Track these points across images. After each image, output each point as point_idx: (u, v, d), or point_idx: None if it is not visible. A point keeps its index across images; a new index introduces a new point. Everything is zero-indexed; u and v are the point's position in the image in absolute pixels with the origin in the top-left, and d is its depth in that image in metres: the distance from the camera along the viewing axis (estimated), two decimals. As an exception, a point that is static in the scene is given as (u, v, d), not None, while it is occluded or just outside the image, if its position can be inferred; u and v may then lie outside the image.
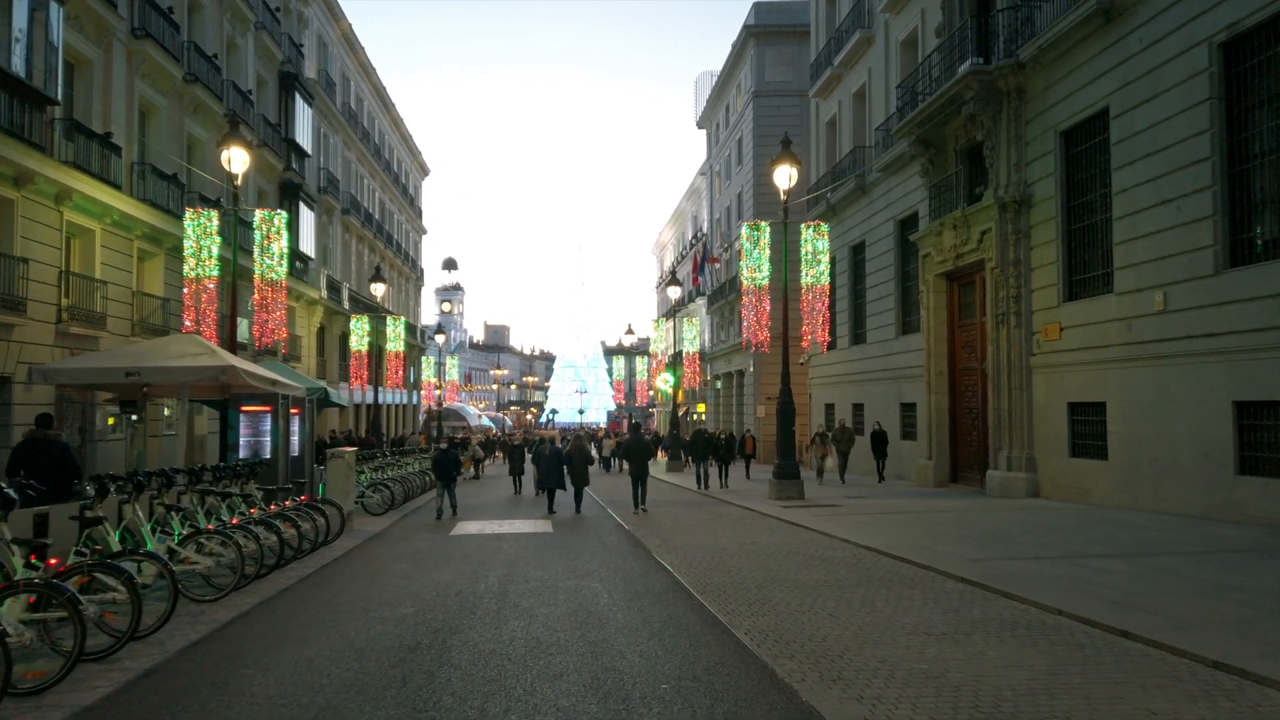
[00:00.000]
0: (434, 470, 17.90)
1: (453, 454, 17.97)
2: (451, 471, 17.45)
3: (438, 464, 17.61)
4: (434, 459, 18.18)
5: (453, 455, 17.88)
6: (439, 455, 17.85)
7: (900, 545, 11.53)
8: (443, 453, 17.86)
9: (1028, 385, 19.08)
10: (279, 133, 30.39)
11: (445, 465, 17.46)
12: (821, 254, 20.17)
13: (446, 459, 17.56)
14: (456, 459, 18.10)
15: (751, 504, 18.15)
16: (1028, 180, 19.21)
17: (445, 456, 17.63)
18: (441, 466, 17.47)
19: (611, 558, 11.37)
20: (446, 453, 17.84)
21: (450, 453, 17.93)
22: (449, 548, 12.54)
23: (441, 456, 17.70)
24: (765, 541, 12.56)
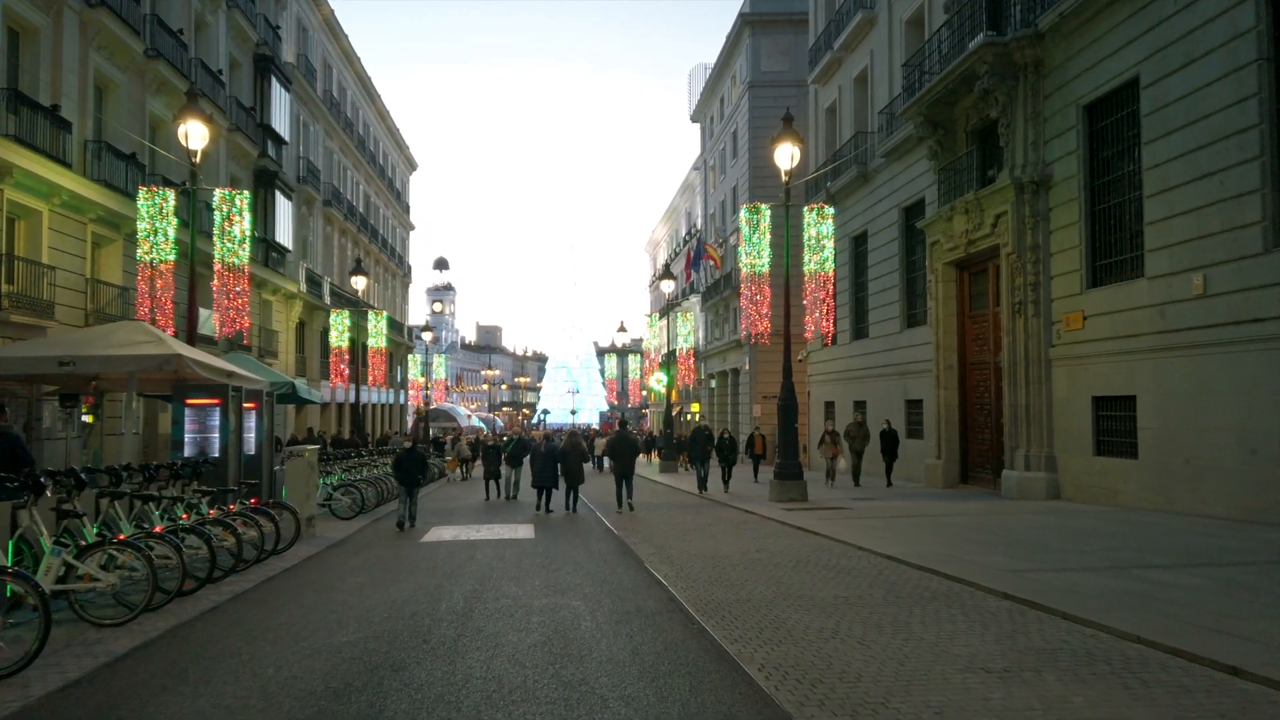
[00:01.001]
0: (395, 473, 15.59)
1: (418, 454, 15.62)
2: (415, 475, 15.14)
3: (399, 466, 15.30)
4: (395, 460, 15.84)
5: (418, 455, 15.55)
6: (401, 455, 15.46)
7: (923, 553, 10.22)
8: (406, 452, 15.44)
9: (1047, 379, 17.81)
10: (253, 117, 28.96)
11: (408, 467, 15.11)
12: (825, 239, 18.87)
13: (409, 460, 15.20)
14: (422, 460, 15.77)
15: (752, 507, 16.83)
16: (1046, 159, 17.93)
17: (408, 457, 15.27)
18: (404, 468, 15.14)
19: (598, 568, 10.03)
20: (411, 452, 15.44)
21: (415, 452, 15.50)
22: (415, 557, 11.18)
23: (404, 457, 15.32)
24: (771, 549, 11.22)
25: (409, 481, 15.04)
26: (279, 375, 18.50)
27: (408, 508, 14.94)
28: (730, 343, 45.90)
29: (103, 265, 20.16)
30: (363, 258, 45.18)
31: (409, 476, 15.05)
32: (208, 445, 12.10)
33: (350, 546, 12.47)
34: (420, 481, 15.44)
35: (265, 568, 10.22)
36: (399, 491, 15.41)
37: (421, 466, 15.46)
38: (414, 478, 15.14)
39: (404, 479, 15.10)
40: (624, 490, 17.55)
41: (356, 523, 15.48)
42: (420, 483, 15.46)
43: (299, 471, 12.97)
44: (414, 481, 15.13)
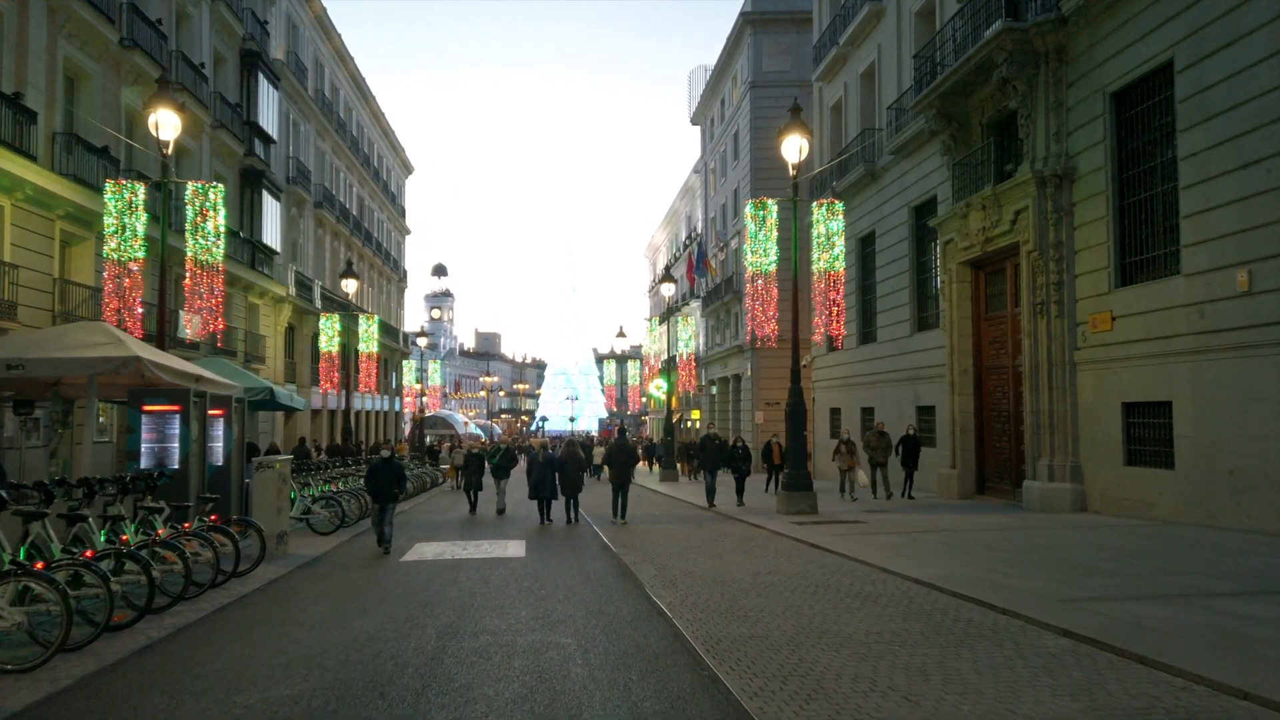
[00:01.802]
0: (367, 486, 13.53)
1: (395, 464, 13.48)
2: (390, 488, 13.07)
3: (373, 477, 13.25)
4: (368, 470, 13.61)
5: (395, 466, 13.37)
6: (375, 465, 13.37)
7: (955, 576, 9.16)
8: (382, 462, 13.34)
9: (1071, 384, 16.77)
10: (239, 114, 27.95)
11: (383, 479, 13.10)
12: (835, 236, 17.83)
13: (385, 471, 13.14)
14: (400, 472, 13.57)
15: (759, 520, 15.77)
16: (1070, 151, 16.93)
17: (383, 467, 13.19)
18: (377, 481, 13.14)
19: (593, 595, 8.96)
20: (387, 462, 13.32)
21: (392, 462, 13.39)
22: (390, 581, 10.10)
23: (379, 467, 13.24)
24: (785, 570, 10.16)
25: (383, 496, 13.06)
26: (258, 380, 17.46)
27: (381, 526, 12.97)
28: (731, 348, 44.87)
29: (73, 265, 19.11)
30: (356, 261, 44.15)
31: (383, 490, 13.07)
32: (167, 456, 11.03)
33: (322, 567, 11.40)
34: (397, 496, 13.35)
35: (222, 593, 9.16)
36: (372, 508, 13.53)
37: (398, 479, 13.38)
38: (389, 491, 13.10)
39: (377, 492, 13.13)
40: (620, 500, 17.12)
41: (335, 538, 14.39)
42: (397, 497, 13.37)
43: (268, 484, 11.91)
44: (389, 496, 13.09)
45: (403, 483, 13.84)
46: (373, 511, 13.49)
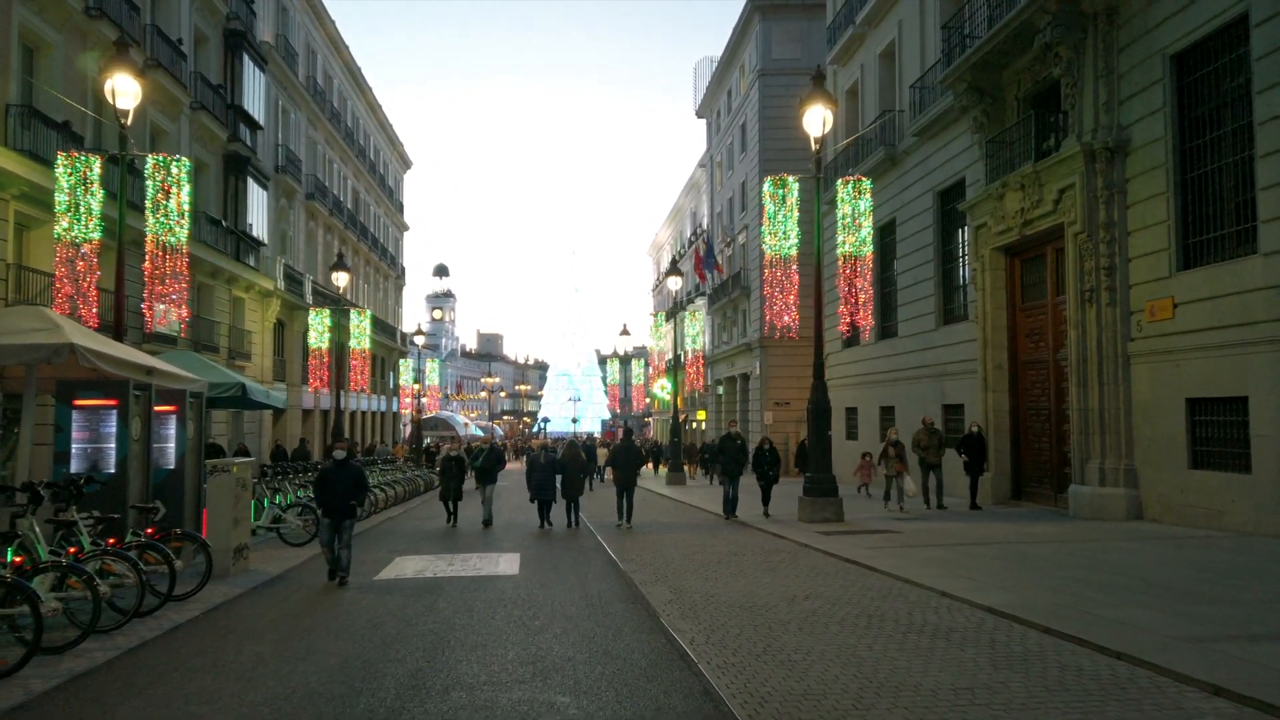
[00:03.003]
0: (316, 497, 10.63)
1: (354, 470, 10.42)
2: (344, 499, 10.18)
3: (321, 487, 10.37)
4: (317, 478, 10.64)
5: (353, 472, 10.37)
6: (326, 471, 10.44)
7: (1036, 604, 7.59)
8: (336, 466, 10.35)
9: (1125, 378, 15.19)
10: (222, 97, 26.44)
11: (333, 489, 10.21)
12: (863, 217, 16.24)
13: (338, 478, 10.23)
14: (358, 478, 10.42)
15: (780, 529, 14.20)
16: (1122, 122, 15.35)
17: (336, 474, 10.26)
18: (327, 491, 10.26)
19: (598, 627, 7.39)
20: (343, 466, 10.33)
21: (348, 468, 10.37)
22: (356, 608, 8.51)
23: (330, 474, 10.31)
24: (825, 594, 8.59)
25: (335, 510, 10.15)
26: (229, 375, 15.92)
27: (333, 549, 10.14)
28: (739, 346, 43.31)
29: (31, 249, 17.59)
30: (351, 257, 42.65)
31: (335, 503, 10.16)
32: (101, 458, 9.49)
33: (282, 587, 9.84)
34: (355, 510, 10.42)
35: (148, 623, 7.61)
36: (321, 525, 10.56)
37: (355, 487, 10.33)
38: (342, 505, 10.16)
39: (327, 506, 10.23)
40: (624, 504, 16.24)
41: (308, 550, 12.82)
42: (355, 511, 10.43)
43: (223, 491, 10.34)
44: (343, 510, 10.17)
45: (362, 492, 10.60)
46: (321, 530, 10.47)
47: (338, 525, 10.21)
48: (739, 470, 16.62)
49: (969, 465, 17.07)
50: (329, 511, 10.27)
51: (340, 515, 10.22)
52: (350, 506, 10.30)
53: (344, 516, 10.23)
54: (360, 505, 10.97)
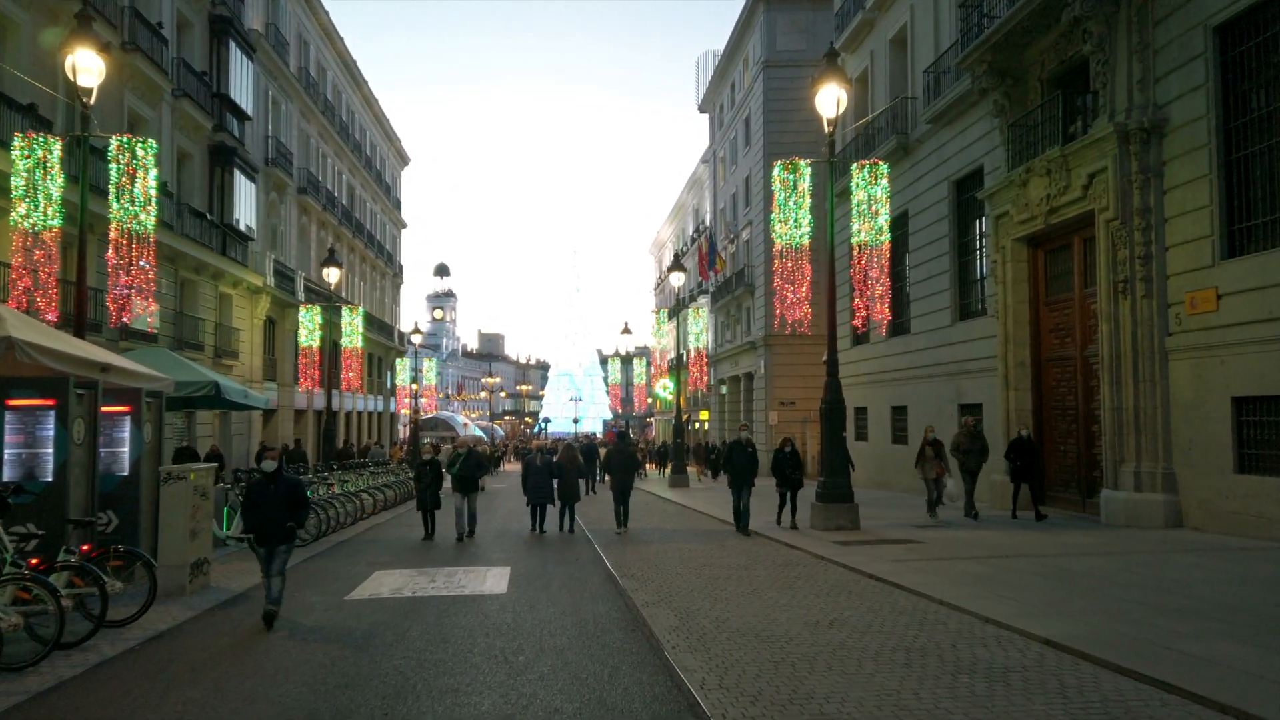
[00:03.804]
0: (244, 519, 8.90)
1: (288, 484, 8.30)
2: (277, 522, 8.10)
3: (250, 508, 8.32)
4: (244, 496, 8.66)
5: (287, 487, 8.24)
6: (253, 488, 8.43)
7: (1104, 636, 6.55)
8: (265, 481, 8.26)
9: (1162, 375, 14.14)
10: (207, 85, 25.42)
11: (264, 510, 8.13)
12: (879, 204, 15.20)
13: (268, 496, 8.15)
14: (294, 494, 8.27)
15: (793, 538, 13.16)
16: (1158, 101, 14.30)
17: (265, 491, 8.19)
18: (256, 512, 8.21)
19: (592, 663, 6.36)
20: (274, 480, 8.23)
21: (284, 481, 8.29)
22: (314, 638, 7.44)
23: (258, 490, 8.27)
24: (852, 620, 7.55)
25: (267, 535, 8.12)
26: (202, 373, 14.90)
27: (268, 581, 8.18)
28: (743, 344, 42.27)
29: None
30: (346, 254, 41.66)
31: (266, 527, 8.11)
32: (38, 464, 8.46)
33: (241, 609, 8.80)
34: (292, 534, 8.21)
35: (77, 657, 6.58)
36: (257, 553, 8.40)
37: (291, 506, 8.17)
38: (276, 528, 8.07)
39: (258, 530, 8.20)
40: (621, 509, 15.73)
41: (281, 563, 11.79)
42: (292, 535, 8.23)
43: (179, 501, 9.30)
44: (277, 534, 8.09)
45: (301, 511, 8.35)
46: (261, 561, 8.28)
47: (270, 553, 8.16)
48: (750, 480, 14.66)
49: (1019, 472, 15.34)
50: (261, 538, 8.16)
51: (274, 541, 8.13)
52: (286, 530, 8.11)
53: (279, 542, 8.14)
54: (300, 526, 8.45)
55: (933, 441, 15.63)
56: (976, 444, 15.40)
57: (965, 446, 15.44)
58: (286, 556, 8.30)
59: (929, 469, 15.36)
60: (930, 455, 15.39)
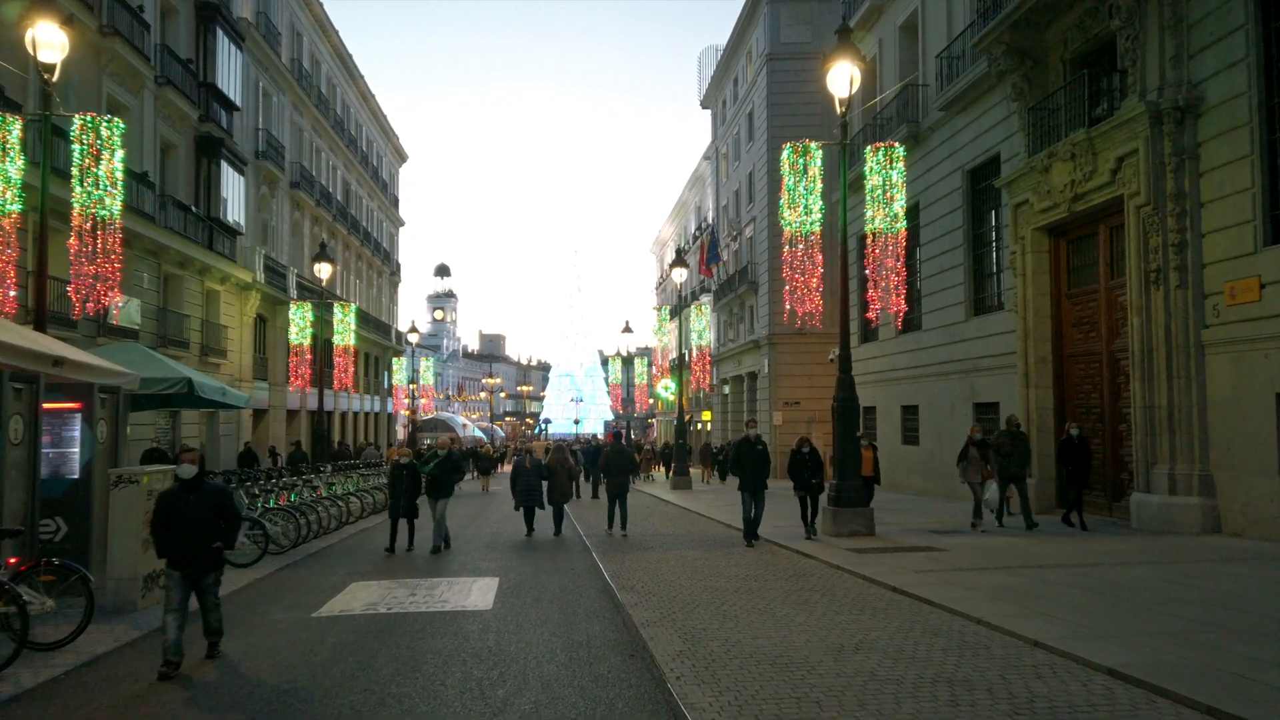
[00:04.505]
0: (157, 542, 6.80)
1: (213, 493, 6.87)
2: (201, 542, 6.63)
3: (161, 526, 6.69)
4: (155, 507, 6.84)
5: (212, 496, 6.82)
6: (165, 498, 6.84)
7: (1176, 665, 5.66)
8: (181, 490, 6.77)
9: (1198, 370, 13.24)
10: (193, 74, 24.55)
11: (182, 531, 6.61)
12: (895, 189, 14.31)
13: (187, 505, 6.67)
14: (223, 507, 6.82)
15: (805, 545, 12.24)
16: (1193, 78, 13.40)
17: (184, 500, 6.69)
18: (168, 535, 6.66)
19: (583, 701, 5.47)
20: (192, 488, 6.78)
21: (209, 489, 6.88)
22: (266, 665, 6.50)
23: (172, 501, 6.73)
24: (879, 641, 6.66)
25: (187, 558, 6.58)
26: (175, 368, 14.00)
27: (177, 616, 6.48)
28: (746, 343, 41.35)
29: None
30: (342, 251, 40.81)
31: (186, 547, 6.56)
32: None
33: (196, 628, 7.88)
34: (220, 558, 6.81)
35: (-11, 690, 5.69)
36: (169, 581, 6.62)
37: (215, 520, 6.70)
38: (196, 549, 6.58)
39: (175, 552, 6.58)
40: (618, 511, 15.37)
41: (251, 573, 10.92)
42: (220, 561, 6.84)
43: (130, 507, 8.39)
44: (200, 558, 6.61)
45: (230, 527, 6.89)
46: (170, 589, 6.60)
47: (195, 582, 6.62)
48: (762, 483, 13.08)
49: (1070, 476, 13.95)
50: (177, 561, 6.54)
51: (196, 566, 6.56)
52: (212, 552, 6.61)
53: (204, 568, 6.62)
54: (229, 546, 6.97)
55: (978, 442, 14.18)
56: (1018, 445, 13.97)
57: (1005, 448, 13.92)
58: (216, 587, 6.85)
59: (973, 472, 14.02)
60: (975, 457, 13.98)
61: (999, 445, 13.93)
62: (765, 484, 13.13)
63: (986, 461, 13.96)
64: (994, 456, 13.94)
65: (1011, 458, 13.71)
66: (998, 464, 13.84)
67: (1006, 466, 13.73)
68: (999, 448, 13.92)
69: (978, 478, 13.97)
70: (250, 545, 11.87)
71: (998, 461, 13.85)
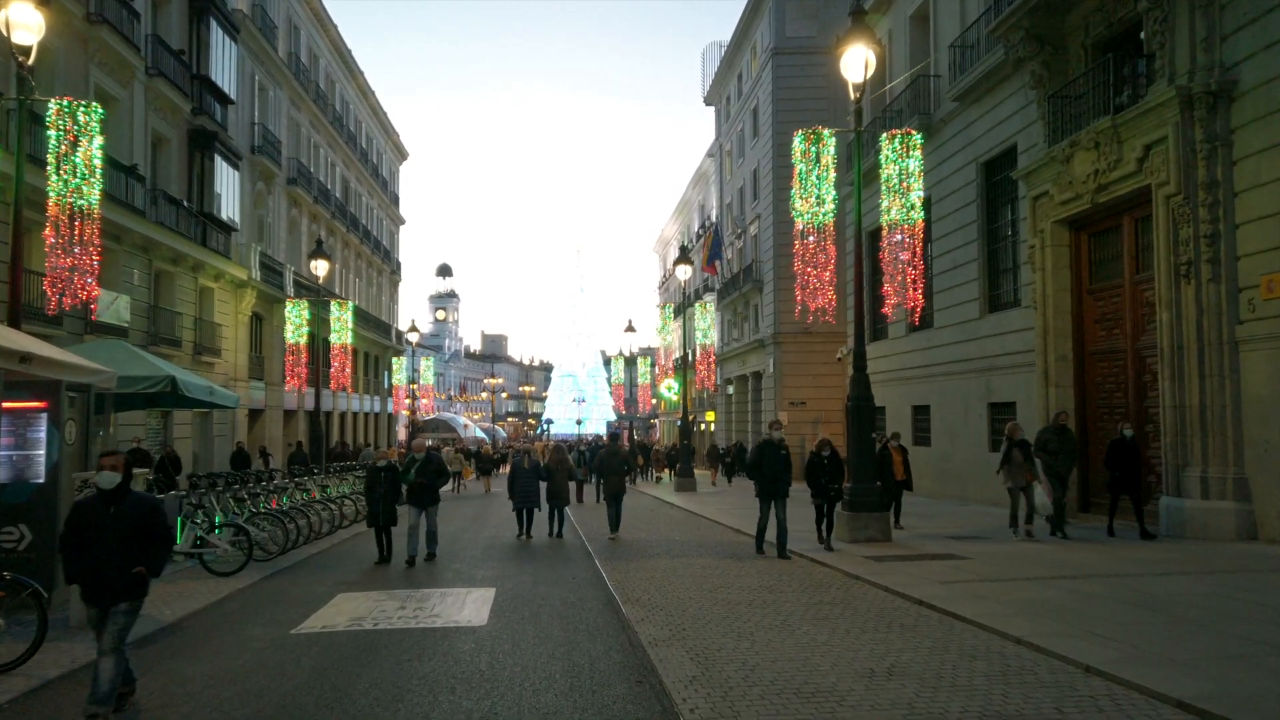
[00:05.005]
0: (67, 567, 5.54)
1: (136, 505, 5.58)
2: (119, 567, 5.36)
3: (74, 537, 5.47)
4: (68, 519, 5.63)
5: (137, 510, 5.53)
6: (79, 509, 5.62)
7: (1254, 698, 5.02)
8: (100, 500, 5.53)
9: (1232, 368, 12.59)
10: (186, 65, 23.95)
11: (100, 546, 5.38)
12: (912, 179, 13.68)
13: (106, 520, 5.43)
14: (146, 519, 5.53)
15: (820, 553, 11.59)
16: (1226, 62, 12.75)
17: (102, 515, 5.45)
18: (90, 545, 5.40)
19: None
20: (116, 500, 5.50)
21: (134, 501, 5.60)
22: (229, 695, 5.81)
23: (87, 515, 5.50)
24: (911, 664, 6.02)
25: (101, 588, 5.39)
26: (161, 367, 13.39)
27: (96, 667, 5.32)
28: (751, 343, 40.70)
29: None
30: (340, 249, 40.23)
31: (100, 573, 5.38)
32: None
33: (161, 645, 7.27)
34: (141, 586, 5.49)
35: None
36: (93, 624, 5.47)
37: (140, 540, 5.47)
38: (114, 576, 5.37)
39: (89, 580, 5.43)
40: (613, 513, 15.25)
41: (232, 582, 10.29)
42: (141, 590, 5.51)
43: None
44: (117, 585, 5.37)
45: (157, 551, 5.56)
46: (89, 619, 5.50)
47: (107, 614, 5.35)
48: (784, 488, 11.87)
49: (1119, 482, 12.90)
50: (91, 592, 5.37)
51: (110, 596, 5.33)
52: (130, 580, 5.35)
53: (117, 599, 5.34)
54: (155, 573, 5.52)
55: (1020, 442, 13.09)
56: (1065, 444, 13.01)
57: (1053, 446, 12.82)
58: (128, 622, 5.39)
59: (1017, 475, 13.01)
60: (1019, 459, 12.97)
61: (1046, 442, 12.95)
62: (788, 490, 11.96)
63: (1030, 463, 12.97)
64: (1039, 455, 12.93)
65: (1060, 456, 12.73)
66: (1044, 463, 12.83)
67: (1054, 465, 12.71)
68: (1046, 445, 12.92)
69: (1023, 481, 12.98)
70: (234, 552, 11.25)
71: (1044, 460, 12.83)
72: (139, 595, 5.49)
